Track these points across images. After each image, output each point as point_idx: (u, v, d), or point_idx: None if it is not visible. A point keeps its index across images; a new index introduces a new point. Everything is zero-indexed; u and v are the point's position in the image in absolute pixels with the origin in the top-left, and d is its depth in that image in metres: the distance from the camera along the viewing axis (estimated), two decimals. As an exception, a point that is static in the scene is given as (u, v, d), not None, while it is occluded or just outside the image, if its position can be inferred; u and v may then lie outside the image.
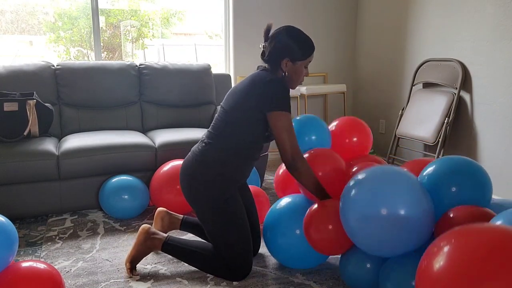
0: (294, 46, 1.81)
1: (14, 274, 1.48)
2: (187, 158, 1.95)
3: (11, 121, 2.66)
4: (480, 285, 1.00)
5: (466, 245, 1.07)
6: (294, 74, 1.86)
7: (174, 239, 1.98)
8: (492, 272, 1.00)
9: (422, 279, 1.14)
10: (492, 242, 1.05)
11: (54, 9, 4.14)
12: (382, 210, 1.44)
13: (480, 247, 1.05)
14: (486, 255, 1.02)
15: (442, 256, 1.09)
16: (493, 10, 2.88)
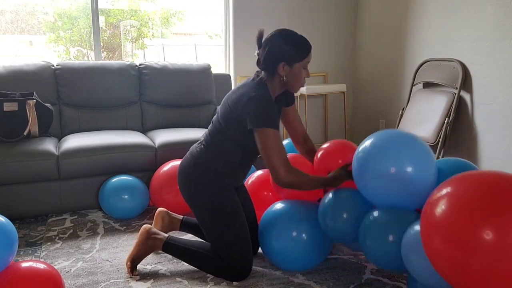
0: (288, 48, 1.75)
1: (14, 274, 1.47)
2: (184, 158, 1.96)
3: (11, 121, 2.66)
4: (482, 221, 1.09)
5: (466, 187, 1.18)
6: (293, 78, 1.80)
7: (175, 239, 1.98)
8: (492, 208, 1.09)
9: (428, 223, 1.22)
10: (489, 182, 1.16)
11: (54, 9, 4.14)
12: (392, 169, 1.59)
13: (479, 187, 1.15)
14: (486, 193, 1.13)
15: (445, 198, 1.18)
16: (493, 10, 2.88)
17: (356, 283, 1.90)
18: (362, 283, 1.90)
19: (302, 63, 1.79)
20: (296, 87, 1.85)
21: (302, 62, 1.79)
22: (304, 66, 1.80)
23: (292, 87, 1.84)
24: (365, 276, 1.96)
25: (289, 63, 1.77)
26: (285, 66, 1.77)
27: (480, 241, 1.08)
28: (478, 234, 1.08)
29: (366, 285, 1.88)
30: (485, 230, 1.07)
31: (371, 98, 4.20)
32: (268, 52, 1.77)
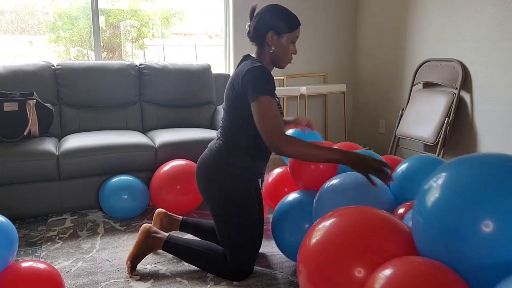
0: (277, 18, 1.77)
1: (14, 274, 1.48)
2: (203, 154, 1.94)
3: (11, 121, 2.66)
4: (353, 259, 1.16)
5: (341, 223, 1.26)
6: (281, 49, 1.79)
7: (175, 238, 1.98)
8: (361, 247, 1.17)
9: (302, 253, 1.30)
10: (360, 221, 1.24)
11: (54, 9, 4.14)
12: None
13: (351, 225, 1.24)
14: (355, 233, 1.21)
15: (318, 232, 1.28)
16: (493, 10, 2.88)
17: (356, 283, 1.90)
18: (362, 283, 1.90)
19: (290, 35, 1.78)
20: (284, 62, 1.83)
21: (290, 35, 1.78)
22: (292, 40, 1.79)
23: (280, 61, 1.82)
24: (365, 276, 1.96)
25: (278, 32, 1.76)
26: (274, 35, 1.77)
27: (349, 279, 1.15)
28: (348, 272, 1.15)
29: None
30: (357, 268, 1.15)
31: (371, 98, 4.19)
32: (258, 21, 1.78)
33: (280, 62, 1.83)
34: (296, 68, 4.09)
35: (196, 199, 2.62)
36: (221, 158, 1.85)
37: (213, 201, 1.88)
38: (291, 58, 1.84)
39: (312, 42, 4.12)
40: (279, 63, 1.83)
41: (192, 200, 2.60)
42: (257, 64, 1.71)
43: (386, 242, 1.17)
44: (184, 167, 2.60)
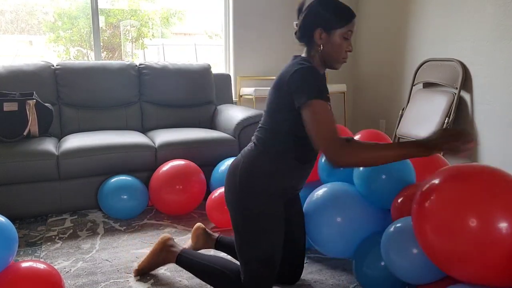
0: (326, 12, 1.53)
1: (13, 274, 1.47)
2: (236, 158, 1.70)
3: (11, 121, 2.66)
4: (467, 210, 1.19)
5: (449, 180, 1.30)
6: (331, 48, 1.55)
7: (188, 252, 1.84)
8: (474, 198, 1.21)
9: (419, 217, 1.31)
10: (468, 171, 1.31)
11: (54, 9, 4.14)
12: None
13: (460, 175, 1.31)
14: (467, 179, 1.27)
15: (432, 193, 1.29)
16: (493, 10, 2.88)
17: (356, 283, 1.89)
18: (362, 283, 1.89)
19: (341, 31, 1.54)
20: (336, 61, 1.58)
21: (341, 30, 1.54)
22: (345, 36, 1.55)
23: (332, 61, 1.57)
24: (365, 276, 1.96)
25: (327, 29, 1.53)
26: (322, 32, 1.53)
27: (465, 229, 1.18)
28: (463, 222, 1.19)
29: (366, 285, 1.88)
30: (470, 218, 1.18)
31: (371, 98, 4.19)
32: (305, 17, 1.57)
33: (332, 62, 1.58)
34: (296, 68, 4.08)
35: (196, 199, 2.62)
36: (250, 162, 1.61)
37: (231, 209, 1.66)
38: (346, 56, 1.59)
39: (312, 42, 4.11)
40: (332, 63, 1.59)
41: (192, 200, 2.59)
42: (305, 65, 1.50)
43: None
44: (183, 167, 2.60)
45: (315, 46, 1.57)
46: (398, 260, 1.50)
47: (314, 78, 1.46)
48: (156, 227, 2.49)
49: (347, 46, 1.57)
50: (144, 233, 2.40)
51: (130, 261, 2.08)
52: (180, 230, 2.44)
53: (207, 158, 2.87)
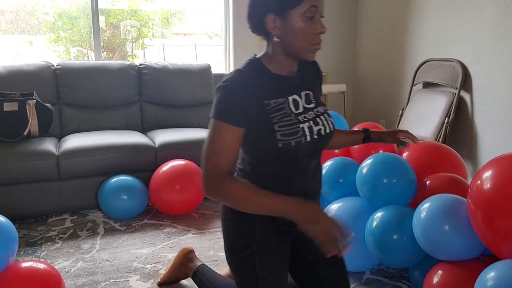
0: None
1: (14, 274, 1.47)
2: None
3: (11, 121, 2.66)
4: None
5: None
6: (292, 35, 1.12)
7: (203, 271, 1.67)
8: None
9: (475, 196, 1.41)
10: None
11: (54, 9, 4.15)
12: None
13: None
14: None
15: (488, 175, 1.39)
16: (493, 10, 2.88)
17: (356, 283, 1.90)
18: (362, 283, 1.90)
19: (300, 9, 1.09)
20: (304, 50, 1.15)
21: (300, 8, 1.09)
22: (307, 15, 1.10)
23: (298, 51, 1.15)
24: (365, 276, 1.96)
25: (279, 11, 1.11)
26: (276, 18, 1.12)
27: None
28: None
29: (366, 285, 1.88)
30: None
31: (371, 98, 4.19)
32: (251, 5, 1.18)
33: (299, 53, 1.15)
34: (296, 68, 4.09)
35: (196, 199, 2.62)
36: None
37: (224, 247, 1.31)
38: (317, 41, 1.14)
39: (312, 42, 4.11)
40: (299, 54, 1.16)
41: (192, 200, 2.59)
42: (236, 74, 1.15)
43: None
44: (183, 167, 2.60)
45: (272, 38, 1.17)
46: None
47: (228, 94, 1.12)
48: (156, 227, 2.49)
49: (315, 28, 1.12)
50: (144, 233, 2.41)
51: (130, 261, 2.08)
52: (180, 230, 2.44)
53: (207, 158, 2.87)
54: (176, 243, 2.27)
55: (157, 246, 2.23)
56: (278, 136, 1.15)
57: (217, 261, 2.09)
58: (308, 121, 1.20)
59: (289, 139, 1.15)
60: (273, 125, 1.15)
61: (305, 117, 1.20)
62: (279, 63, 1.20)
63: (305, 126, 1.19)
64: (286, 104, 1.18)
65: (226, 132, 1.13)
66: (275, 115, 1.16)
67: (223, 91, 1.14)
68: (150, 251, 2.18)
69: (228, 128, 1.13)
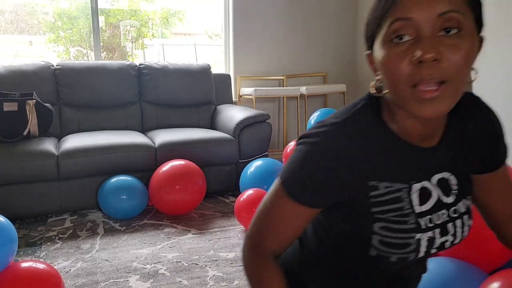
0: (366, 19, 0.72)
1: (13, 274, 1.47)
2: None
3: (11, 121, 2.66)
4: None
5: None
6: (382, 73, 0.67)
7: None
8: None
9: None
10: None
11: (54, 9, 4.14)
12: None
13: None
14: None
15: None
16: (493, 10, 2.88)
17: (356, 283, 1.89)
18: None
19: (382, 32, 0.65)
20: (401, 96, 0.65)
21: (381, 29, 0.66)
22: (390, 37, 0.64)
23: (397, 99, 0.67)
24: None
25: (368, 44, 0.72)
26: (370, 55, 0.72)
27: None
28: None
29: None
30: None
31: (371, 98, 4.19)
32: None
33: (400, 101, 0.66)
34: (295, 68, 4.09)
35: (195, 199, 2.62)
36: (288, 265, 0.88)
37: None
38: (420, 76, 0.61)
39: (312, 42, 4.11)
40: (401, 103, 0.66)
41: (192, 200, 2.59)
42: (331, 121, 0.73)
43: None
44: (183, 167, 2.60)
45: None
46: None
47: (308, 160, 0.72)
48: (156, 227, 2.49)
49: (408, 52, 0.62)
50: (144, 233, 2.40)
51: (130, 261, 2.08)
52: (180, 230, 2.44)
53: (207, 158, 2.87)
54: (176, 243, 2.27)
55: (157, 246, 2.23)
56: (374, 241, 0.72)
57: (217, 261, 2.09)
58: (433, 229, 0.73)
59: (390, 251, 0.72)
60: (373, 223, 0.72)
61: (430, 221, 0.73)
62: (401, 120, 0.71)
63: (425, 237, 0.73)
64: (406, 195, 0.72)
65: (288, 207, 0.75)
66: (380, 209, 0.71)
67: (303, 152, 0.72)
68: (150, 251, 2.18)
69: (291, 205, 0.74)
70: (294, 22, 4.01)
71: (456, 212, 0.75)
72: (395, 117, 0.71)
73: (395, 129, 0.71)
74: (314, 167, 0.70)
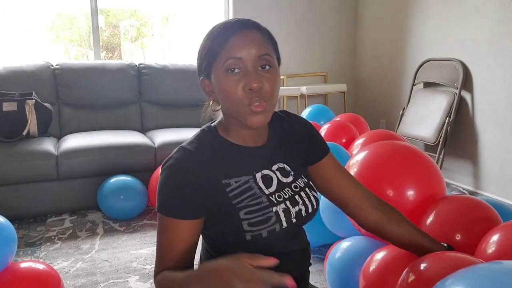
0: (200, 50, 0.93)
1: (13, 274, 1.47)
2: None
3: (10, 121, 2.65)
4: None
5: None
6: (220, 94, 0.90)
7: None
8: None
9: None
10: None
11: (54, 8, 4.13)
12: None
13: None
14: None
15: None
16: (494, 10, 2.87)
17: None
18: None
19: (217, 64, 0.88)
20: (239, 113, 0.89)
21: (217, 63, 0.88)
22: (226, 67, 0.87)
23: (234, 114, 0.90)
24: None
25: (204, 71, 0.92)
26: (205, 81, 0.94)
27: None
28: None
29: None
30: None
31: (372, 98, 4.19)
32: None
33: (238, 116, 0.90)
34: (296, 68, 4.08)
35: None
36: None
37: None
38: (250, 100, 0.86)
39: (312, 42, 4.11)
40: (239, 118, 0.90)
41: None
42: (177, 148, 0.95)
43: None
44: (184, 167, 2.59)
45: (217, 103, 0.96)
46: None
47: (168, 181, 0.92)
48: (156, 227, 2.48)
49: (240, 81, 0.86)
50: (144, 233, 2.40)
51: (130, 261, 2.07)
52: (180, 230, 2.44)
53: (207, 158, 2.87)
54: (176, 244, 2.26)
55: (157, 246, 2.22)
56: (244, 226, 0.89)
57: (217, 261, 2.08)
58: (284, 202, 0.94)
59: (259, 228, 0.90)
60: (238, 212, 0.90)
61: (279, 197, 0.95)
62: (235, 131, 0.95)
63: (280, 209, 0.93)
64: (253, 183, 0.93)
65: (170, 227, 0.90)
66: (239, 199, 0.91)
67: (163, 178, 0.94)
68: (150, 251, 2.17)
69: (175, 223, 0.89)
70: (294, 22, 4.00)
71: (296, 187, 0.99)
72: (230, 131, 0.96)
73: (232, 139, 0.95)
74: (176, 184, 0.90)
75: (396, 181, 1.40)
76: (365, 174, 1.44)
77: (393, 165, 1.44)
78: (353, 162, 1.52)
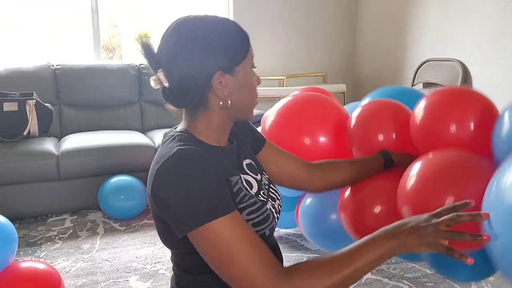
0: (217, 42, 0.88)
1: (13, 274, 1.47)
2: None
3: (11, 121, 2.66)
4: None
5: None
6: (241, 91, 0.91)
7: None
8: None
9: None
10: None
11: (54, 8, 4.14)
12: None
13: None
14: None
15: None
16: (493, 10, 2.88)
17: (356, 283, 1.89)
18: (362, 283, 1.89)
19: (247, 60, 0.93)
20: (250, 107, 0.97)
21: (247, 59, 0.93)
22: (252, 65, 0.96)
23: (246, 109, 0.95)
24: (365, 276, 1.96)
25: (228, 68, 0.88)
26: (223, 76, 0.87)
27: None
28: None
29: (366, 285, 1.88)
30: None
31: (371, 98, 4.19)
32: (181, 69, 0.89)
33: (246, 111, 0.96)
34: (295, 68, 4.09)
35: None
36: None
37: None
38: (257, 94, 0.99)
39: (312, 42, 4.11)
40: (246, 112, 0.96)
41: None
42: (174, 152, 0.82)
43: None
44: (184, 167, 2.60)
45: (211, 105, 0.90)
46: None
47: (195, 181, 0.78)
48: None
49: (256, 80, 0.97)
50: (144, 233, 2.40)
51: (130, 261, 2.08)
52: (180, 230, 2.44)
53: (207, 158, 2.87)
54: (176, 243, 2.27)
55: (157, 246, 2.23)
56: (250, 226, 0.85)
57: (217, 261, 2.09)
58: (268, 199, 0.95)
59: (262, 228, 0.89)
60: (242, 212, 0.86)
61: (264, 195, 0.95)
62: (215, 133, 0.92)
63: (270, 206, 0.94)
64: (241, 183, 0.90)
65: (233, 225, 0.78)
66: (239, 198, 0.87)
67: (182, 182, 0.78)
68: (150, 251, 2.18)
69: (231, 220, 0.78)
70: (294, 22, 4.00)
71: (265, 184, 1.00)
72: (206, 133, 0.91)
73: (208, 141, 0.91)
74: (206, 176, 0.80)
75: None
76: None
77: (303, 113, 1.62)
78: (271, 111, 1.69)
